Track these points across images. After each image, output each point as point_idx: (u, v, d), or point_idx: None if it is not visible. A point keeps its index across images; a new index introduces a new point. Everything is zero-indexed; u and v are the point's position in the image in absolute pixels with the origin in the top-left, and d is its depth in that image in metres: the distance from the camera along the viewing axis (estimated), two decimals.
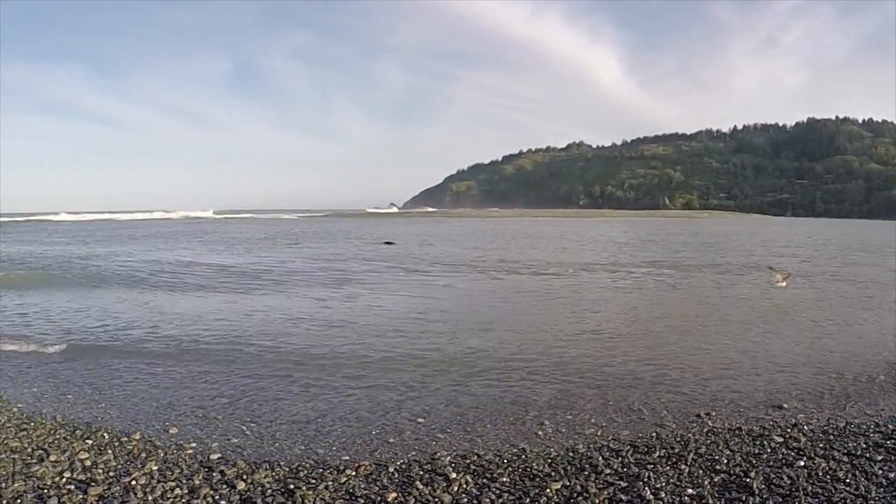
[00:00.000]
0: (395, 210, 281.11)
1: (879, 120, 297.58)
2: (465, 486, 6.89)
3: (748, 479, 6.93)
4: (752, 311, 19.11)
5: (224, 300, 21.67)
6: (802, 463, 7.43)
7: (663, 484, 6.86)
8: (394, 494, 6.68)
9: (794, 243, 56.52)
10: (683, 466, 7.35)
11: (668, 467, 7.33)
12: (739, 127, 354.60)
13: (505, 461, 7.62)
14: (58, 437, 8.56)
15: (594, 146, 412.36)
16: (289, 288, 24.83)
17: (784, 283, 23.32)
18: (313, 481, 7.04)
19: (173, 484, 6.97)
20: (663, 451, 7.87)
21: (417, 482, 6.97)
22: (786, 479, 6.96)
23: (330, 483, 6.97)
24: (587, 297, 22.20)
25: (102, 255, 40.84)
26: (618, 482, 6.94)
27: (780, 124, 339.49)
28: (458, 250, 45.33)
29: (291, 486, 6.88)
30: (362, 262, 36.01)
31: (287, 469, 7.41)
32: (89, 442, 8.34)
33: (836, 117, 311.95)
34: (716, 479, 6.98)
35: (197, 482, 7.03)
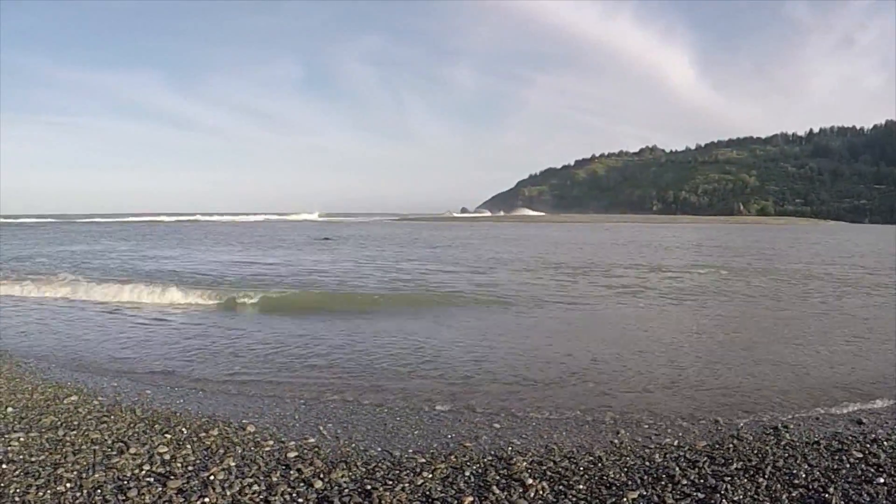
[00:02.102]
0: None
1: None
2: (541, 492, 6.82)
3: (827, 495, 6.73)
4: (830, 322, 18.77)
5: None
6: (882, 480, 7.20)
7: (741, 497, 6.71)
8: (470, 498, 6.64)
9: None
10: (761, 480, 7.19)
11: (745, 480, 7.16)
12: (816, 130, 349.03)
13: (581, 469, 7.53)
14: (137, 430, 8.70)
15: (667, 150, 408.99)
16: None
17: None
18: (390, 482, 7.03)
19: (251, 480, 7.02)
20: (740, 463, 7.70)
21: (494, 487, 6.91)
22: (865, 496, 6.75)
23: (406, 485, 6.96)
24: (666, 305, 22.04)
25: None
26: (695, 493, 6.81)
27: (858, 127, 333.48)
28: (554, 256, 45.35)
29: (368, 487, 6.87)
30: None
31: (364, 469, 7.43)
32: (168, 436, 8.46)
33: None
34: (794, 494, 6.80)
35: (274, 479, 7.07)
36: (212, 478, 7.06)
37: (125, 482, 6.92)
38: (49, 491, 6.65)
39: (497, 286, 26.31)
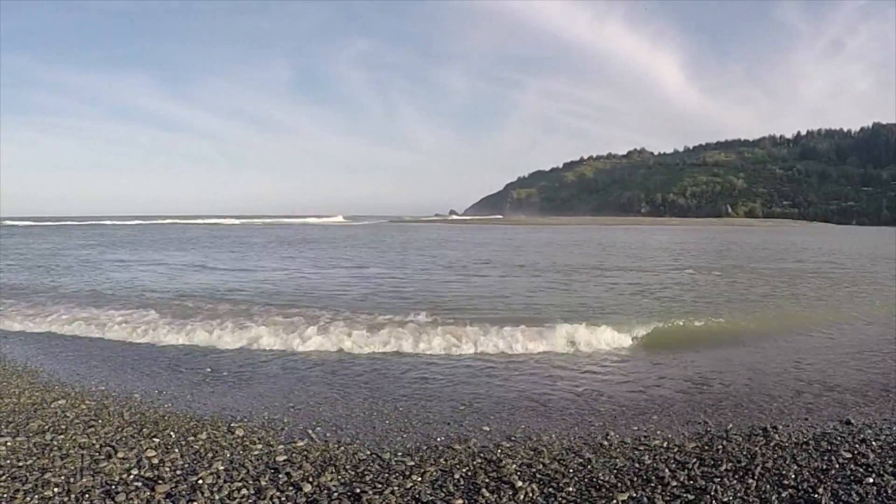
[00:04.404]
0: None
1: None
2: (531, 494, 6.82)
3: (816, 496, 6.76)
4: (818, 323, 18.77)
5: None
6: (871, 480, 7.24)
7: (731, 498, 6.74)
8: (460, 501, 6.66)
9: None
10: (751, 481, 7.21)
11: (735, 481, 7.19)
12: (803, 133, 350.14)
13: (570, 471, 7.55)
14: (125, 434, 8.68)
15: (656, 153, 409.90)
16: None
17: None
18: (379, 486, 7.04)
19: (240, 484, 7.01)
20: (730, 464, 7.73)
21: (483, 490, 6.93)
22: (855, 496, 6.78)
23: (396, 488, 6.96)
24: (657, 308, 22.01)
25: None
26: (685, 494, 6.83)
27: (845, 130, 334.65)
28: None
29: (358, 490, 6.88)
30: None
31: (353, 473, 7.43)
32: (156, 440, 8.44)
33: None
34: (783, 495, 6.83)
35: (263, 483, 7.06)
36: (200, 482, 7.05)
37: (113, 487, 6.90)
38: (37, 496, 6.63)
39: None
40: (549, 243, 67.12)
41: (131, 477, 7.19)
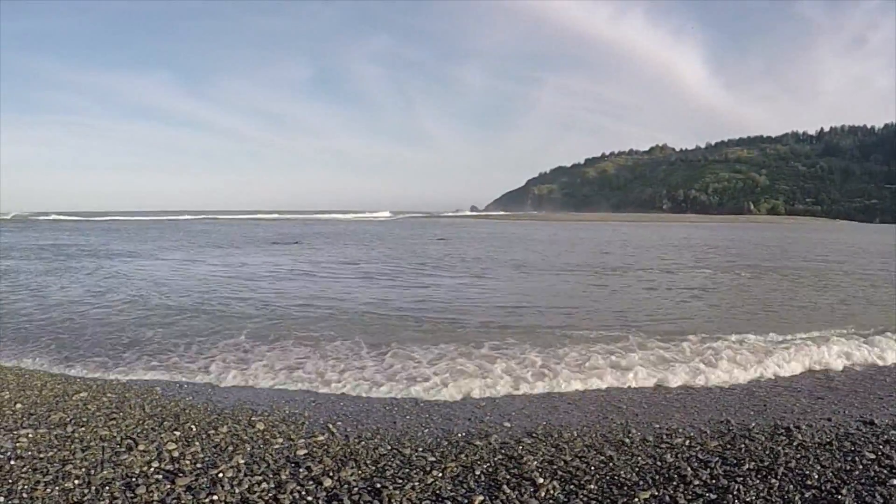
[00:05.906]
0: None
1: None
2: (552, 491, 6.77)
3: (840, 497, 6.67)
4: (843, 320, 18.62)
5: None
6: None
7: (753, 497, 6.65)
8: (481, 497, 6.60)
9: None
10: (773, 480, 7.12)
11: (757, 481, 7.11)
12: (826, 129, 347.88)
13: (592, 468, 7.48)
14: (146, 427, 8.68)
15: (677, 149, 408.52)
16: None
17: None
18: (400, 481, 7.00)
19: (260, 478, 7.00)
20: (752, 463, 7.64)
21: (504, 486, 6.87)
22: (879, 497, 6.67)
23: (416, 483, 6.93)
24: (680, 302, 21.94)
25: None
26: (707, 494, 6.76)
27: (869, 126, 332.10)
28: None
29: (378, 485, 6.85)
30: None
31: (373, 468, 7.39)
32: (177, 433, 8.45)
33: None
34: (807, 495, 6.74)
35: (283, 477, 7.04)
36: (221, 475, 7.05)
37: (134, 479, 6.90)
38: (57, 487, 6.64)
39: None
40: (592, 241, 67.11)
41: (152, 469, 7.20)
